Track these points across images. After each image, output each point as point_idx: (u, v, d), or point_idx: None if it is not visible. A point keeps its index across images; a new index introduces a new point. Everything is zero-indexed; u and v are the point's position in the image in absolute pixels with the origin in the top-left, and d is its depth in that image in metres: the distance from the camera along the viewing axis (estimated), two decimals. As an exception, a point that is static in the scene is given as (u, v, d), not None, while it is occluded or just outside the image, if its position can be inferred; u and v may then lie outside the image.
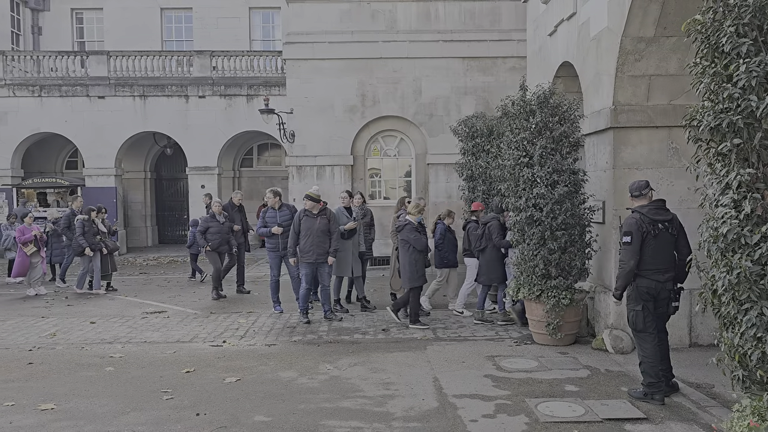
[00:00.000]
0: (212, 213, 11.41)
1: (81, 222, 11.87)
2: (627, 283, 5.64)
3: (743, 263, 3.60)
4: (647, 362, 5.61)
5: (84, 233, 11.84)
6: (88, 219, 12.01)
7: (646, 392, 5.60)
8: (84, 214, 12.13)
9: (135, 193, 21.57)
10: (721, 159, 3.87)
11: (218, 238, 11.21)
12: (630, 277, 5.59)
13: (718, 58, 3.84)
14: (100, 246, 12.09)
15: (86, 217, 11.99)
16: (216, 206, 11.44)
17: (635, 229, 5.51)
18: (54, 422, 5.32)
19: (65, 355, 7.55)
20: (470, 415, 5.32)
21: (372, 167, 15.27)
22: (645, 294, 5.58)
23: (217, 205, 11.48)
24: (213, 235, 11.20)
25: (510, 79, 13.80)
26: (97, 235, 12.13)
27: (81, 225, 11.85)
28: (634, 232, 5.51)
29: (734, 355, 3.82)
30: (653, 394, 5.56)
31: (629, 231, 5.55)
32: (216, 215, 11.32)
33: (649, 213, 5.54)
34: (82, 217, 11.99)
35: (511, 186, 7.79)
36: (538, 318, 7.60)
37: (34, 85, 18.54)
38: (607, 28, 7.59)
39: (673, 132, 7.32)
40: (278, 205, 9.86)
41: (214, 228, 11.23)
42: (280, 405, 5.66)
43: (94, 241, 12.00)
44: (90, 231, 11.98)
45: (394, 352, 7.38)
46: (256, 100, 18.12)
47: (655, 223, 5.50)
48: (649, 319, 5.60)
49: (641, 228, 5.50)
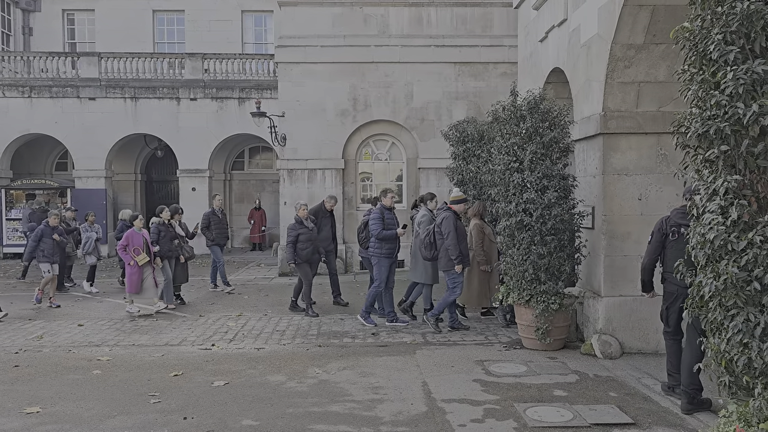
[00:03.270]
0: (299, 218, 9.88)
1: (156, 226, 10.46)
2: (645, 278, 5.94)
3: (730, 269, 3.62)
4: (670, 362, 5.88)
5: (159, 239, 10.37)
6: (165, 222, 10.63)
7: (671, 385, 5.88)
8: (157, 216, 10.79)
9: (125, 195, 21.46)
10: (708, 165, 3.89)
11: (309, 246, 9.82)
12: (645, 273, 5.95)
13: (705, 66, 3.86)
14: (177, 252, 10.67)
15: (162, 221, 10.62)
16: (303, 210, 9.99)
17: (657, 229, 5.80)
18: (39, 425, 5.27)
19: (52, 357, 7.49)
20: (459, 420, 5.31)
21: (363, 171, 15.27)
22: (668, 295, 5.79)
23: (303, 209, 10.01)
24: (303, 243, 9.73)
25: (501, 85, 13.86)
26: (174, 240, 10.67)
27: (156, 229, 10.41)
28: (655, 232, 5.81)
29: (721, 361, 3.84)
30: (674, 388, 5.81)
31: (653, 230, 5.87)
32: (303, 220, 9.88)
33: (675, 216, 5.71)
34: (158, 220, 10.62)
35: (501, 191, 7.80)
36: (527, 323, 7.62)
37: (24, 85, 18.42)
38: (597, 34, 7.64)
39: (662, 138, 7.37)
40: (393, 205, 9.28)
41: (304, 235, 9.76)
42: (269, 409, 5.63)
43: (171, 246, 10.55)
44: (167, 236, 10.51)
45: (384, 356, 7.37)
46: (247, 103, 18.11)
47: (679, 227, 5.61)
48: (672, 319, 5.78)
49: (662, 229, 5.75)
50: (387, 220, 8.99)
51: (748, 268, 3.62)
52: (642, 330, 7.44)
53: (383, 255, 8.95)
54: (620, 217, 7.47)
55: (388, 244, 8.96)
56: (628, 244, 7.46)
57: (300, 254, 9.67)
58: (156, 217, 10.76)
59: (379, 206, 9.22)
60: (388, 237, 8.92)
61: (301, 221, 9.83)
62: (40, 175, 20.65)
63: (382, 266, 8.97)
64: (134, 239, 9.94)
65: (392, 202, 9.22)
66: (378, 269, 8.99)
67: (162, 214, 10.71)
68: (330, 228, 10.76)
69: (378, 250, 8.94)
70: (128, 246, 9.85)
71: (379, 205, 9.22)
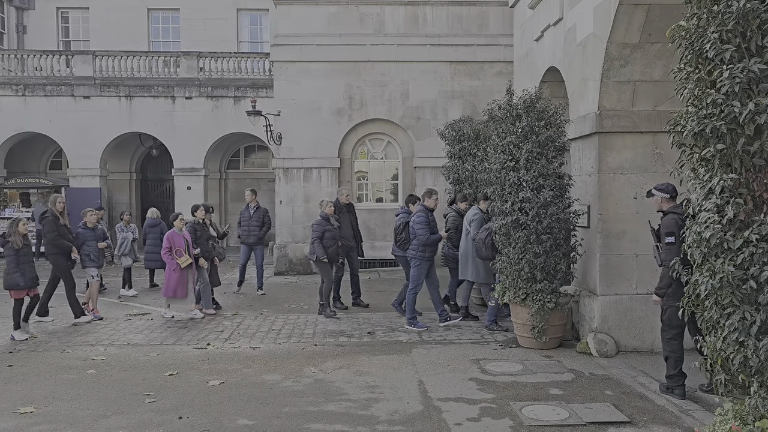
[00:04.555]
0: (325, 215, 9.63)
1: (192, 226, 9.93)
2: (671, 282, 5.80)
3: (726, 268, 3.63)
4: (674, 357, 5.88)
5: (197, 239, 9.89)
6: (201, 221, 10.12)
7: (669, 386, 5.89)
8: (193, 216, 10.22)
9: (120, 194, 21.37)
10: (704, 164, 3.90)
11: (334, 244, 9.54)
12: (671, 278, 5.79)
13: (701, 64, 3.87)
14: (212, 254, 10.18)
15: (198, 220, 10.10)
16: (329, 207, 9.72)
17: (677, 229, 5.66)
18: (33, 426, 5.24)
19: (46, 357, 7.45)
20: (455, 419, 5.31)
21: (359, 170, 15.25)
22: None
23: (330, 206, 9.74)
24: (328, 241, 9.47)
25: (497, 84, 13.87)
26: (209, 240, 10.18)
27: (192, 229, 9.89)
28: (676, 232, 5.66)
29: (717, 359, 3.85)
30: (674, 389, 5.85)
31: (672, 231, 5.73)
32: (329, 218, 9.63)
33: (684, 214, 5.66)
34: (194, 219, 10.10)
35: (497, 189, 7.80)
36: (523, 321, 7.62)
37: (18, 84, 18.31)
38: (593, 33, 7.65)
39: (658, 137, 7.39)
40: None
41: (329, 233, 9.51)
42: (264, 408, 5.61)
43: (208, 247, 10.06)
44: (203, 236, 9.99)
45: (380, 355, 7.36)
46: (243, 101, 18.03)
47: None
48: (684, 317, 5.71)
49: (681, 228, 5.66)
50: (432, 223, 8.81)
51: (744, 266, 3.62)
52: (637, 328, 7.46)
53: (425, 258, 8.74)
54: (616, 216, 7.48)
55: (432, 248, 8.80)
56: (624, 243, 7.47)
57: (326, 252, 9.43)
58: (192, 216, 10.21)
59: (422, 208, 8.91)
60: (434, 242, 8.75)
61: (327, 218, 9.56)
62: (34, 174, 20.54)
63: (422, 269, 8.77)
64: (176, 240, 9.46)
65: (436, 204, 9.00)
66: (417, 272, 8.78)
67: (197, 213, 10.17)
68: (350, 224, 10.35)
69: (421, 254, 8.72)
70: (171, 248, 9.39)
71: (422, 207, 8.91)
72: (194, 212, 10.24)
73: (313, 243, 9.49)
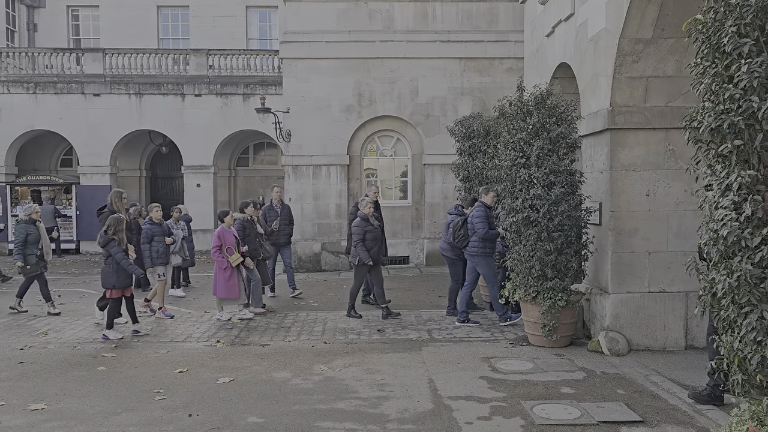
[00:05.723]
0: (364, 215, 9.21)
1: (241, 223, 9.57)
2: None
3: (743, 266, 3.56)
4: None
5: (245, 236, 9.55)
6: (249, 218, 9.80)
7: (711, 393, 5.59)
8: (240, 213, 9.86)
9: (130, 191, 21.39)
10: (721, 160, 3.83)
11: (375, 245, 9.19)
12: None
13: (719, 59, 3.80)
14: (260, 252, 9.84)
15: (246, 217, 9.76)
16: (369, 207, 9.29)
17: None
18: (44, 422, 5.25)
19: (57, 354, 7.47)
20: (465, 417, 5.27)
21: (368, 167, 15.22)
22: None
23: (370, 206, 9.30)
24: (370, 242, 9.11)
25: (507, 80, 13.80)
26: (257, 238, 9.86)
27: (241, 226, 9.53)
28: None
29: (733, 359, 3.78)
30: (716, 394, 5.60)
31: None
32: (369, 218, 9.23)
33: None
34: (243, 216, 9.73)
35: (508, 187, 7.75)
36: (534, 319, 7.57)
37: (28, 82, 18.42)
38: (605, 29, 7.56)
39: (671, 134, 7.30)
40: None
41: (370, 234, 9.14)
42: (274, 406, 5.60)
43: (256, 245, 9.75)
44: (251, 233, 9.68)
45: (389, 353, 7.33)
46: (252, 99, 18.05)
47: None
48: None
49: None
50: (490, 219, 8.79)
51: (763, 264, 3.56)
52: (650, 327, 7.38)
53: (487, 254, 8.74)
54: (628, 213, 7.40)
55: (491, 243, 8.78)
56: (636, 241, 7.40)
57: (370, 254, 9.11)
58: (238, 214, 9.83)
59: (480, 204, 8.85)
60: (493, 236, 8.70)
61: (366, 218, 9.22)
62: (45, 172, 20.65)
63: (488, 264, 8.76)
64: (227, 238, 9.10)
65: (494, 200, 8.93)
66: (486, 268, 8.74)
67: (247, 210, 9.80)
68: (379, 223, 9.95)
69: (482, 250, 8.71)
70: (222, 246, 9.05)
71: (481, 203, 8.85)
72: (244, 209, 9.86)
73: (356, 246, 9.12)
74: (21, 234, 9.63)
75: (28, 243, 9.63)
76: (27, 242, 9.62)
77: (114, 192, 9.38)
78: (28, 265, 9.65)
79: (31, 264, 9.66)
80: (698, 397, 5.62)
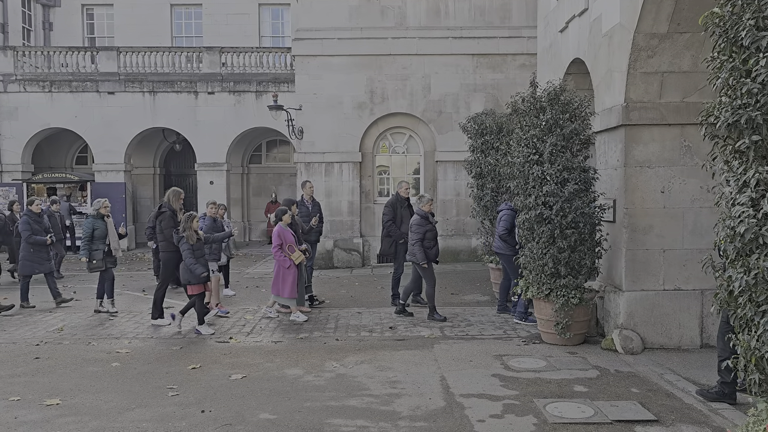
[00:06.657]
0: (424, 213, 8.90)
1: None
2: None
3: (761, 264, 3.50)
4: None
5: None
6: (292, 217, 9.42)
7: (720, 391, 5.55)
8: None
9: (144, 188, 21.62)
10: (738, 156, 3.77)
11: (435, 244, 8.87)
12: None
13: (736, 53, 3.73)
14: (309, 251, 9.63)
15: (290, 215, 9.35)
16: (429, 204, 8.99)
17: None
18: (59, 417, 5.30)
19: (72, 350, 7.54)
20: (478, 415, 5.25)
21: (380, 164, 15.21)
22: None
23: (430, 204, 9.00)
24: (430, 241, 8.81)
25: (520, 76, 13.70)
26: None
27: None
28: None
29: (751, 358, 3.72)
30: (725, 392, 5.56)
31: None
32: (429, 216, 8.93)
33: None
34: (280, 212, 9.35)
35: (521, 184, 7.70)
36: (547, 317, 7.52)
37: (44, 80, 18.59)
38: (619, 24, 7.48)
39: (686, 130, 7.21)
40: None
41: (431, 233, 8.87)
42: (286, 403, 5.61)
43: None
44: (295, 233, 9.43)
45: (401, 351, 7.31)
46: (265, 96, 18.10)
47: None
48: None
49: None
50: None
51: (781, 262, 3.50)
52: (664, 325, 7.31)
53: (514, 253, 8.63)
54: (642, 210, 7.33)
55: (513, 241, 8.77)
56: (650, 238, 7.32)
57: (427, 254, 8.79)
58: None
59: (508, 205, 8.89)
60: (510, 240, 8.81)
61: (426, 216, 8.87)
62: (60, 169, 20.82)
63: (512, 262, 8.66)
64: (286, 236, 8.93)
65: None
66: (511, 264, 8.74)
67: (293, 208, 9.54)
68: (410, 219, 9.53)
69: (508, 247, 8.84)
70: (282, 245, 8.90)
71: (508, 205, 8.87)
72: (281, 216, 9.22)
73: (414, 245, 8.82)
74: (87, 229, 9.53)
75: (95, 238, 9.49)
76: (93, 237, 9.49)
77: (172, 191, 9.10)
78: (94, 260, 9.54)
79: (96, 259, 9.54)
80: (706, 394, 5.58)
